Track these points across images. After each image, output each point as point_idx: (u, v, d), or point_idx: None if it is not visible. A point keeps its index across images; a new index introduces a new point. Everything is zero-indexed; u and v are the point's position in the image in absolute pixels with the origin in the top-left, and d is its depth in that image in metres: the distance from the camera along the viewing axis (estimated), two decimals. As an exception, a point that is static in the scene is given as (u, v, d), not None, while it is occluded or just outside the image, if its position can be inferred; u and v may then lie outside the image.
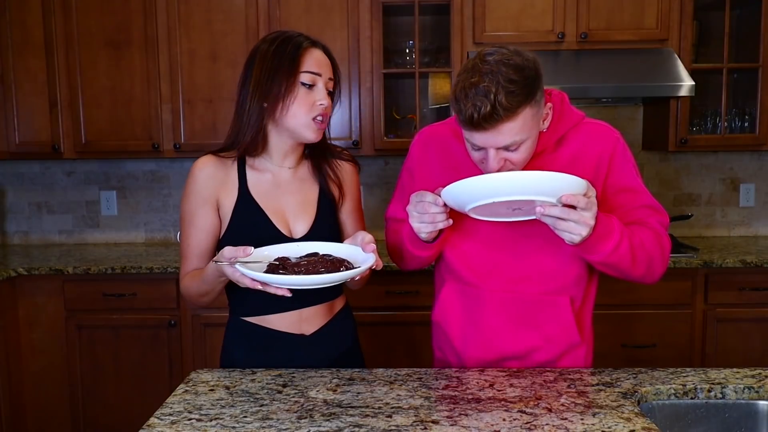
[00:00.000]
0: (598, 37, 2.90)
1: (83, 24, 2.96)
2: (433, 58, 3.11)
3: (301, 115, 1.44)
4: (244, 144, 1.48)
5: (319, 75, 1.45)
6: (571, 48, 2.90)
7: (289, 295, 1.30)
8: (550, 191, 1.19)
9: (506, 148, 1.27)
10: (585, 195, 1.20)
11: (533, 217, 1.25)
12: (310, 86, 1.44)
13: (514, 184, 1.18)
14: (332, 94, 1.51)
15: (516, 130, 1.25)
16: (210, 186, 1.49)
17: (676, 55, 2.85)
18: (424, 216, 1.31)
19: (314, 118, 1.45)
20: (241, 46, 2.95)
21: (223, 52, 2.97)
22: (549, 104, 1.36)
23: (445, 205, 1.30)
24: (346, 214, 1.61)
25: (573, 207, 1.20)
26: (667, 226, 1.43)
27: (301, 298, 1.48)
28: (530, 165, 1.38)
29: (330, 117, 1.51)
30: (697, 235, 3.34)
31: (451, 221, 1.33)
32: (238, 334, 1.55)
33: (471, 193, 1.22)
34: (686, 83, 2.74)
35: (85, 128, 3.01)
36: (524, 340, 1.45)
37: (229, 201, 1.49)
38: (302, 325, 1.52)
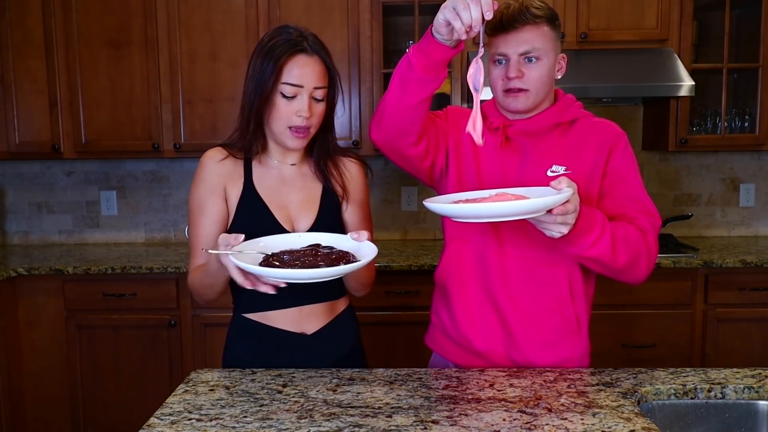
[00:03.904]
0: (598, 37, 2.90)
1: (83, 24, 2.96)
2: (433, 58, 3.10)
3: (279, 124, 1.44)
4: (244, 142, 1.49)
5: (301, 87, 1.41)
6: (571, 48, 2.90)
7: (283, 285, 1.26)
8: (536, 211, 1.21)
9: (527, 56, 1.40)
10: (568, 202, 1.22)
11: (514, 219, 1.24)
12: (291, 97, 1.42)
13: (502, 210, 1.19)
14: (330, 99, 1.47)
15: (537, 39, 1.39)
16: (219, 174, 1.50)
17: (676, 55, 2.85)
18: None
19: (291, 128, 1.43)
20: (241, 46, 2.95)
21: (223, 52, 2.97)
22: (563, 54, 1.47)
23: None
24: (351, 215, 1.58)
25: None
26: (657, 226, 1.45)
27: (300, 294, 1.47)
28: (542, 144, 1.45)
29: (319, 123, 1.46)
30: (697, 235, 3.34)
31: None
32: (239, 332, 1.55)
33: (462, 213, 1.25)
34: (686, 83, 2.74)
35: (85, 128, 3.01)
36: (523, 305, 1.48)
37: (235, 194, 1.50)
38: (303, 323, 1.51)
